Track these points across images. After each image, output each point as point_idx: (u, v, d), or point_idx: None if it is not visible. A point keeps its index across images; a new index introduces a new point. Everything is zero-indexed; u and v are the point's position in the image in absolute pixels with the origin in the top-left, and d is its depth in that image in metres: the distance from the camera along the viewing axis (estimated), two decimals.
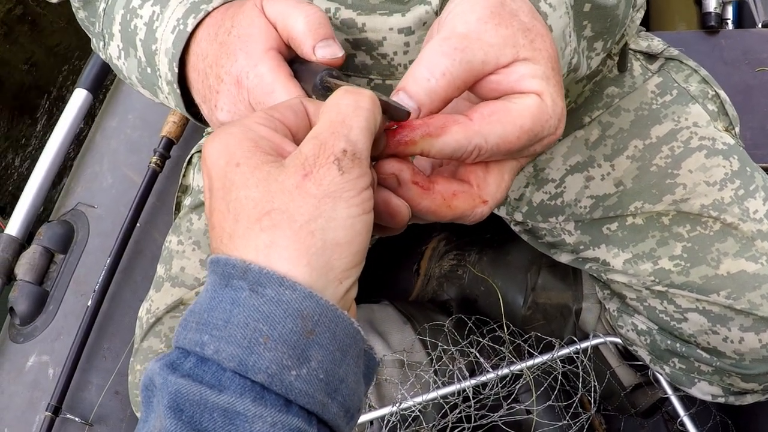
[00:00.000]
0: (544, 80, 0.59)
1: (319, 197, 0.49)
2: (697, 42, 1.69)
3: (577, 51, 0.76)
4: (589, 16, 0.76)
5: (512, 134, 0.57)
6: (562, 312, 1.46)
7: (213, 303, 0.48)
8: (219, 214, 0.51)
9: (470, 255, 1.66)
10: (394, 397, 1.29)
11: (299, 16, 0.70)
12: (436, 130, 0.57)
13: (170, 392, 0.46)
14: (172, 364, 0.48)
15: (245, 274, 0.48)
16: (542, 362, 1.29)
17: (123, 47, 0.88)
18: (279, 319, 0.46)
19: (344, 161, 0.50)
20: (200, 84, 0.76)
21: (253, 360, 0.46)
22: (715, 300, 1.05)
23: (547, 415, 1.35)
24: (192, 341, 0.48)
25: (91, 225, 1.60)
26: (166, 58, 0.79)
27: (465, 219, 0.62)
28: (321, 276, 0.49)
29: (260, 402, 0.45)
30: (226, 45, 0.72)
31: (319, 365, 0.47)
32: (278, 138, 0.54)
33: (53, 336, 1.51)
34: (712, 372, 1.13)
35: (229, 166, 0.51)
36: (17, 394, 1.48)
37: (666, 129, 1.13)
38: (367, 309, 1.51)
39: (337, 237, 0.49)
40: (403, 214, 0.58)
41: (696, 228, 1.08)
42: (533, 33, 0.61)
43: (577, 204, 1.17)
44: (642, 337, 1.20)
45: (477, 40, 0.59)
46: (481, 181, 0.61)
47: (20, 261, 1.53)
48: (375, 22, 0.85)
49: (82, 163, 1.69)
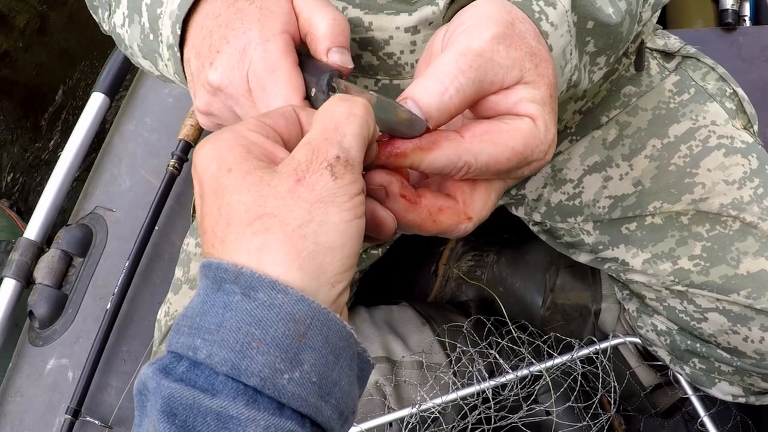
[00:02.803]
0: (540, 105, 0.60)
1: (311, 202, 0.49)
2: (714, 39, 1.68)
3: (578, 67, 0.76)
4: (592, 32, 0.76)
5: (502, 155, 0.58)
6: (581, 312, 1.45)
7: (205, 307, 0.48)
8: (211, 219, 0.52)
9: (488, 255, 1.66)
10: (414, 398, 1.29)
11: (326, 16, 0.71)
12: (428, 144, 0.57)
13: (163, 396, 0.46)
14: (165, 368, 0.48)
15: (237, 278, 0.48)
16: (562, 363, 1.29)
17: (128, 14, 0.87)
18: (271, 322, 0.47)
19: (337, 167, 0.51)
20: (199, 40, 0.74)
21: (246, 364, 0.46)
22: (735, 299, 1.04)
23: (567, 415, 1.35)
24: (184, 345, 0.48)
25: (110, 228, 1.61)
26: (169, 21, 0.77)
27: (448, 234, 0.62)
28: (313, 279, 0.49)
29: (253, 405, 0.45)
30: (243, 12, 0.72)
31: (312, 368, 0.47)
32: (270, 144, 0.54)
33: (72, 339, 1.52)
34: (732, 372, 1.12)
35: (220, 171, 0.51)
36: (37, 397, 1.49)
37: (684, 128, 1.12)
38: (386, 310, 1.51)
39: (329, 241, 0.50)
40: (388, 226, 0.59)
41: (715, 227, 1.07)
42: (538, 58, 0.62)
43: (596, 204, 1.16)
44: (662, 338, 1.19)
45: (490, 59, 0.59)
46: (467, 198, 0.62)
47: (39, 265, 1.54)
48: (382, 21, 0.85)
49: (100, 166, 1.70)
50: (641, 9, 0.84)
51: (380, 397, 1.33)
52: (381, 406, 1.32)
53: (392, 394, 1.33)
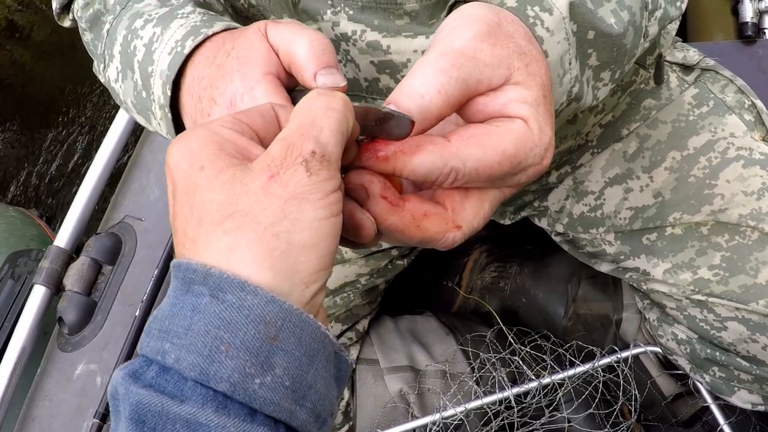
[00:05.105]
0: (533, 107, 0.57)
1: (284, 199, 0.47)
2: (734, 52, 1.68)
3: (579, 80, 0.72)
4: (593, 44, 0.72)
5: (492, 159, 0.55)
6: (603, 322, 1.46)
7: (174, 309, 0.47)
8: (182, 218, 0.50)
9: (511, 267, 1.67)
10: (437, 406, 1.30)
11: (303, 41, 0.67)
12: (410, 148, 0.55)
13: (131, 403, 0.44)
14: (135, 374, 0.46)
15: (206, 279, 0.46)
16: (583, 371, 1.29)
17: (121, 69, 0.86)
18: (240, 325, 0.45)
19: (312, 162, 0.49)
20: (192, 108, 0.73)
21: (215, 369, 0.44)
22: (755, 308, 1.05)
23: (588, 423, 1.35)
24: (154, 349, 0.46)
25: (139, 237, 1.61)
26: (160, 81, 0.76)
27: (435, 243, 0.59)
28: (285, 280, 0.47)
29: (223, 412, 0.44)
30: (223, 67, 0.70)
31: (285, 372, 0.46)
32: (244, 141, 0.52)
33: (101, 345, 1.53)
34: (752, 380, 1.13)
35: (192, 169, 0.49)
36: (65, 402, 1.50)
37: (703, 140, 1.13)
38: (410, 320, 1.53)
39: (302, 239, 0.48)
40: (367, 228, 0.56)
41: (734, 237, 1.08)
42: (528, 57, 0.59)
43: (617, 216, 1.18)
44: (682, 347, 1.20)
45: (473, 58, 0.56)
46: (457, 206, 0.59)
47: (69, 272, 1.54)
48: (400, 44, 0.85)
49: (129, 176, 1.71)
50: (647, 23, 0.81)
51: (404, 405, 1.34)
52: (405, 414, 1.34)
53: (416, 402, 1.34)
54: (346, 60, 0.91)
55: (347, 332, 1.41)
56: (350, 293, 1.37)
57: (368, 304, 1.44)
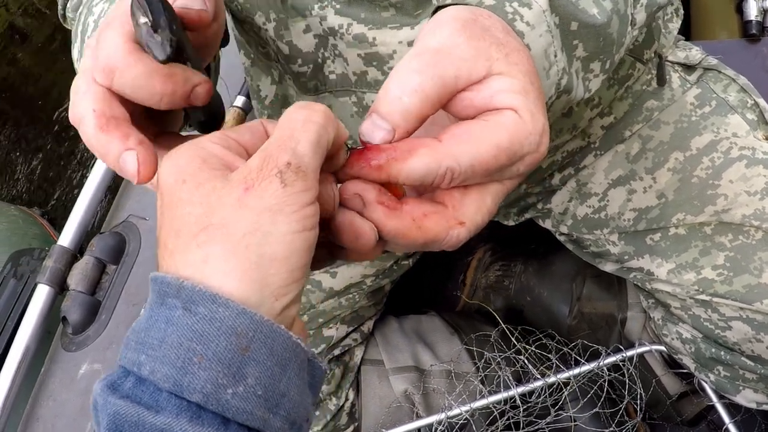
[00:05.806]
0: (521, 95, 0.55)
1: (258, 211, 0.48)
2: (738, 50, 1.68)
3: (567, 72, 0.71)
4: (578, 35, 0.71)
5: (487, 153, 0.53)
6: (608, 321, 1.46)
7: (150, 322, 0.47)
8: (164, 232, 0.50)
9: (516, 266, 1.67)
10: (442, 406, 1.30)
11: None
12: (402, 153, 0.54)
13: (109, 413, 0.45)
14: (113, 385, 0.47)
15: (179, 291, 0.46)
16: (589, 370, 1.29)
17: (80, 48, 0.84)
18: (212, 337, 0.45)
19: (287, 174, 0.49)
20: None
21: (188, 380, 0.45)
22: (759, 308, 1.05)
23: (593, 422, 1.36)
24: (131, 361, 0.47)
25: (143, 236, 1.61)
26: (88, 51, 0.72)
27: (439, 243, 0.57)
28: (256, 292, 0.47)
29: (197, 422, 0.44)
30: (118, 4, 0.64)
31: (257, 381, 0.46)
32: (230, 156, 0.52)
33: (105, 344, 1.52)
34: (756, 379, 1.13)
35: (176, 183, 0.50)
36: (69, 402, 1.49)
37: (706, 140, 1.13)
38: (415, 320, 1.53)
39: (274, 252, 0.48)
40: (368, 236, 0.55)
41: (738, 237, 1.08)
42: (508, 48, 0.57)
43: (621, 217, 1.18)
44: (687, 346, 1.20)
45: (448, 54, 0.55)
46: (457, 203, 0.57)
47: (73, 271, 1.54)
48: (385, 35, 0.85)
49: None
50: (632, 10, 0.79)
51: (409, 405, 1.34)
52: (410, 414, 1.34)
53: (421, 402, 1.34)
54: (334, 55, 0.92)
55: (352, 333, 1.40)
56: (355, 294, 1.36)
57: (374, 305, 1.43)
